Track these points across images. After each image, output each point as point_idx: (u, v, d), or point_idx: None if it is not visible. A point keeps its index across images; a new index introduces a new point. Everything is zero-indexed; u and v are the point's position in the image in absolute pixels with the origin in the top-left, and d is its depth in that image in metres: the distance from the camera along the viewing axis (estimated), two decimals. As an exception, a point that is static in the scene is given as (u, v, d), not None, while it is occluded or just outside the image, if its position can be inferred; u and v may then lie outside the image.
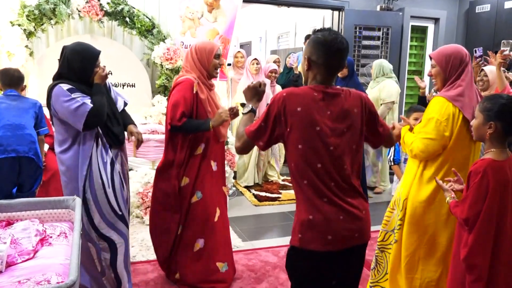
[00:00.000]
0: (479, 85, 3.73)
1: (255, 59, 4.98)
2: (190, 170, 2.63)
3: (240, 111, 2.11)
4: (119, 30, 4.77)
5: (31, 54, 4.25)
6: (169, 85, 4.73)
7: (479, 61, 3.44)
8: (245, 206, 4.53)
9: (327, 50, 1.61)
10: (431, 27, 6.57)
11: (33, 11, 4.18)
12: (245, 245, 3.48)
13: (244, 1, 5.41)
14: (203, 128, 2.55)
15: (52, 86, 2.27)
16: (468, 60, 2.15)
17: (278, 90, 5.16)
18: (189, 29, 4.91)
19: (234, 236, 3.62)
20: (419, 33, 6.61)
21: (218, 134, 2.67)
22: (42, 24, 4.29)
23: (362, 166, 1.74)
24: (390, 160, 3.48)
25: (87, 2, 4.36)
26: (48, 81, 2.40)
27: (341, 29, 6.03)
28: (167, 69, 4.70)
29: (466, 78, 2.13)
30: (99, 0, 4.40)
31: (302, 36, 7.52)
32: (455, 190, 1.97)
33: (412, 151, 2.15)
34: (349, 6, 6.03)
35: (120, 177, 2.45)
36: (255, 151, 5.13)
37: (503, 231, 1.80)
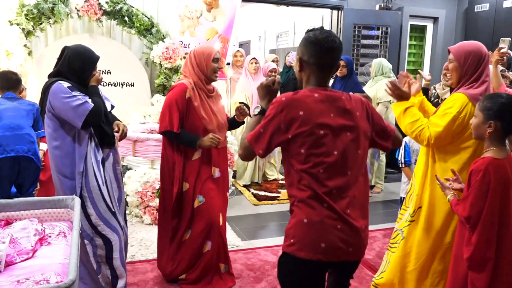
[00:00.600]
0: (446, 77, 3.83)
1: (254, 58, 4.97)
2: (189, 175, 2.64)
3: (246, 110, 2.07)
4: (118, 29, 4.77)
5: (29, 53, 4.25)
6: (168, 84, 4.73)
7: None
8: (244, 205, 4.53)
9: (319, 49, 1.56)
10: (430, 26, 6.57)
11: (31, 10, 4.18)
12: (244, 244, 3.48)
13: (243, 0, 5.41)
14: (190, 145, 2.59)
15: (52, 82, 2.27)
16: (488, 59, 2.13)
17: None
18: (188, 28, 4.91)
19: (233, 235, 3.62)
20: (418, 32, 6.62)
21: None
22: (41, 24, 4.29)
23: (366, 171, 1.67)
24: (401, 162, 3.45)
25: (85, 1, 4.36)
26: (47, 80, 2.41)
27: (340, 28, 6.04)
28: (166, 68, 4.69)
29: (488, 78, 2.13)
30: (97, -1, 4.40)
31: (301, 35, 7.51)
32: (454, 189, 1.97)
33: (419, 135, 2.11)
34: (348, 5, 6.03)
35: (110, 176, 2.47)
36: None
37: (505, 228, 1.81)
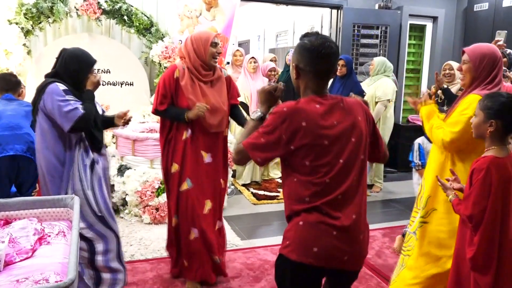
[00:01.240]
0: (446, 78, 3.85)
1: (253, 57, 4.97)
2: (176, 156, 2.62)
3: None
4: (117, 28, 4.77)
5: (28, 52, 4.25)
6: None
7: None
8: (243, 204, 4.53)
9: (315, 56, 1.52)
10: (429, 25, 6.57)
11: (30, 9, 4.17)
12: (243, 243, 3.48)
13: (243, -1, 5.41)
14: (180, 119, 2.54)
15: (48, 83, 2.28)
16: (501, 62, 2.15)
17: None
18: (187, 27, 4.90)
19: (232, 234, 3.62)
20: (418, 31, 6.61)
21: (204, 124, 2.57)
22: (40, 23, 4.29)
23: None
24: (417, 163, 3.44)
25: (85, 1, 4.36)
26: (46, 79, 2.41)
27: (339, 27, 6.03)
28: (165, 67, 4.69)
29: (501, 81, 2.14)
30: (97, -1, 4.40)
31: (300, 34, 7.51)
32: (454, 189, 1.97)
33: (437, 137, 2.12)
34: (347, 4, 6.02)
35: (100, 180, 2.47)
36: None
37: (506, 228, 1.81)
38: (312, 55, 1.52)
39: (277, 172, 5.43)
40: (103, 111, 2.65)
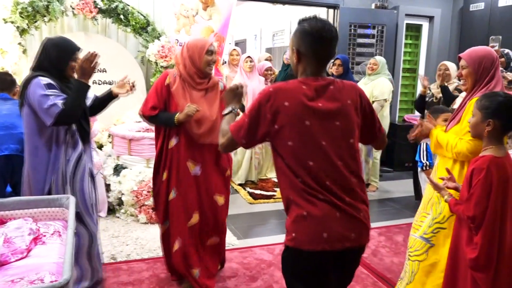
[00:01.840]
0: (438, 78, 3.89)
1: (249, 57, 4.96)
2: (166, 164, 2.61)
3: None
4: (113, 27, 4.76)
5: (24, 51, 4.23)
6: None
7: None
8: (239, 204, 4.53)
9: (316, 40, 1.53)
10: (425, 25, 6.59)
11: (26, 8, 4.16)
12: (240, 243, 3.48)
13: (239, -2, 5.41)
14: (170, 123, 2.50)
15: (32, 77, 2.26)
16: (498, 61, 2.17)
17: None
18: (183, 26, 4.90)
19: (229, 234, 3.62)
20: (414, 31, 6.63)
21: (191, 134, 2.53)
22: (36, 22, 4.27)
23: (360, 162, 1.63)
24: (425, 164, 3.42)
25: (81, -1, 4.35)
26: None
27: (336, 27, 6.02)
28: (161, 66, 4.68)
29: (500, 80, 2.15)
30: (93, -3, 4.39)
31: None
32: (449, 188, 1.98)
33: (460, 153, 2.05)
34: (344, 4, 6.04)
35: (84, 176, 2.43)
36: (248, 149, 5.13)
37: (505, 227, 1.82)
38: (313, 38, 1.53)
39: (274, 173, 5.42)
40: (96, 97, 2.63)
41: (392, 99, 5.14)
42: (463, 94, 2.42)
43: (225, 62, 5.48)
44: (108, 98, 2.63)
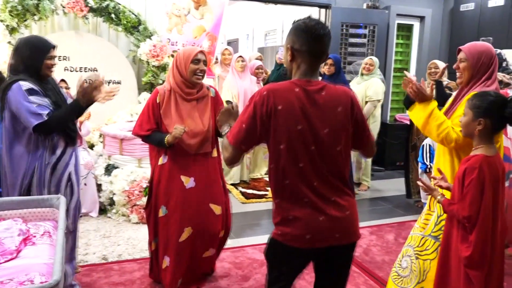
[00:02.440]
0: (431, 76, 3.93)
1: (240, 56, 4.96)
2: (155, 181, 2.59)
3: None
4: (104, 26, 4.73)
5: (14, 50, 4.18)
6: (155, 82, 4.70)
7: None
8: (232, 203, 4.51)
9: (310, 37, 1.57)
10: (416, 25, 6.63)
11: (16, 6, 4.12)
12: (232, 242, 3.48)
13: (231, -2, 5.40)
14: (161, 145, 2.48)
15: (13, 81, 2.22)
16: (497, 59, 2.18)
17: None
18: (175, 26, 4.89)
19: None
20: (405, 31, 6.67)
21: (184, 146, 2.49)
22: (25, 20, 4.23)
23: (349, 165, 1.68)
24: (430, 166, 3.41)
25: (71, -2, 4.31)
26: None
27: (328, 26, 6.04)
28: (153, 66, 4.67)
29: (496, 80, 2.17)
30: (83, -4, 4.36)
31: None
32: (441, 188, 1.99)
33: (446, 137, 2.07)
34: (335, 3, 6.05)
35: (61, 181, 2.41)
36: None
37: (496, 225, 1.84)
38: (308, 35, 1.57)
39: (265, 170, 5.42)
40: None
41: (383, 99, 5.17)
42: (455, 93, 2.43)
43: (217, 61, 5.47)
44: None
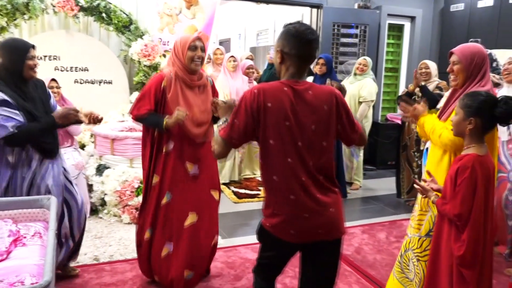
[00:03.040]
0: (422, 76, 3.94)
1: (232, 56, 4.96)
2: (158, 168, 2.56)
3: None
4: (95, 25, 4.70)
5: (3, 50, 4.14)
6: (147, 82, 4.68)
7: None
8: (224, 203, 4.51)
9: (299, 41, 1.65)
10: (407, 25, 6.67)
11: (5, 5, 4.08)
12: (224, 242, 3.48)
13: (223, -3, 5.40)
14: (159, 127, 2.45)
15: None
16: (488, 59, 2.21)
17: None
18: (167, 25, 4.87)
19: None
20: (396, 31, 6.71)
21: (190, 135, 2.51)
22: (15, 19, 4.19)
23: (334, 162, 1.78)
24: None
25: (62, -3, 4.28)
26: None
27: (319, 26, 6.07)
28: (145, 65, 4.65)
29: (490, 79, 2.20)
30: (74, -5, 4.32)
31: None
32: (433, 190, 2.01)
33: (442, 141, 2.11)
34: (327, 3, 6.07)
35: (41, 192, 2.38)
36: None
37: (487, 224, 1.86)
38: (297, 40, 1.66)
39: (257, 169, 5.43)
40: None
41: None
42: (447, 94, 2.45)
43: (209, 61, 5.46)
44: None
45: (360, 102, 4.91)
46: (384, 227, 3.95)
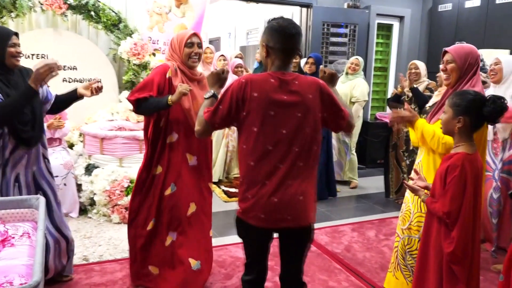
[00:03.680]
0: (412, 76, 3.99)
1: (222, 55, 4.97)
2: (162, 159, 2.56)
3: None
4: (84, 24, 4.65)
5: (-10, 48, 4.08)
6: (136, 80, 4.65)
7: None
8: (214, 202, 4.47)
9: (283, 36, 1.75)
10: (396, 25, 6.73)
11: (-9, 3, 4.02)
12: (215, 241, 3.46)
13: (213, -4, 5.38)
14: (162, 104, 2.42)
15: None
16: (479, 60, 2.25)
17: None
18: (156, 24, 4.84)
19: (204, 232, 3.61)
20: (385, 30, 6.76)
21: (192, 125, 2.48)
22: (2, 17, 4.13)
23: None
24: None
25: (49, -5, 4.23)
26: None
27: (309, 25, 6.10)
28: (134, 64, 4.61)
29: (480, 78, 2.24)
30: (62, -7, 4.27)
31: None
32: (420, 187, 2.03)
33: (446, 144, 2.11)
34: (317, 3, 6.09)
35: (8, 186, 2.35)
36: (222, 147, 5.12)
37: (476, 221, 1.89)
38: (280, 34, 1.75)
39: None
40: (57, 96, 2.55)
41: (364, 98, 5.24)
42: (436, 93, 2.48)
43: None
44: (72, 98, 2.54)
45: (352, 102, 4.94)
46: (374, 225, 3.99)
